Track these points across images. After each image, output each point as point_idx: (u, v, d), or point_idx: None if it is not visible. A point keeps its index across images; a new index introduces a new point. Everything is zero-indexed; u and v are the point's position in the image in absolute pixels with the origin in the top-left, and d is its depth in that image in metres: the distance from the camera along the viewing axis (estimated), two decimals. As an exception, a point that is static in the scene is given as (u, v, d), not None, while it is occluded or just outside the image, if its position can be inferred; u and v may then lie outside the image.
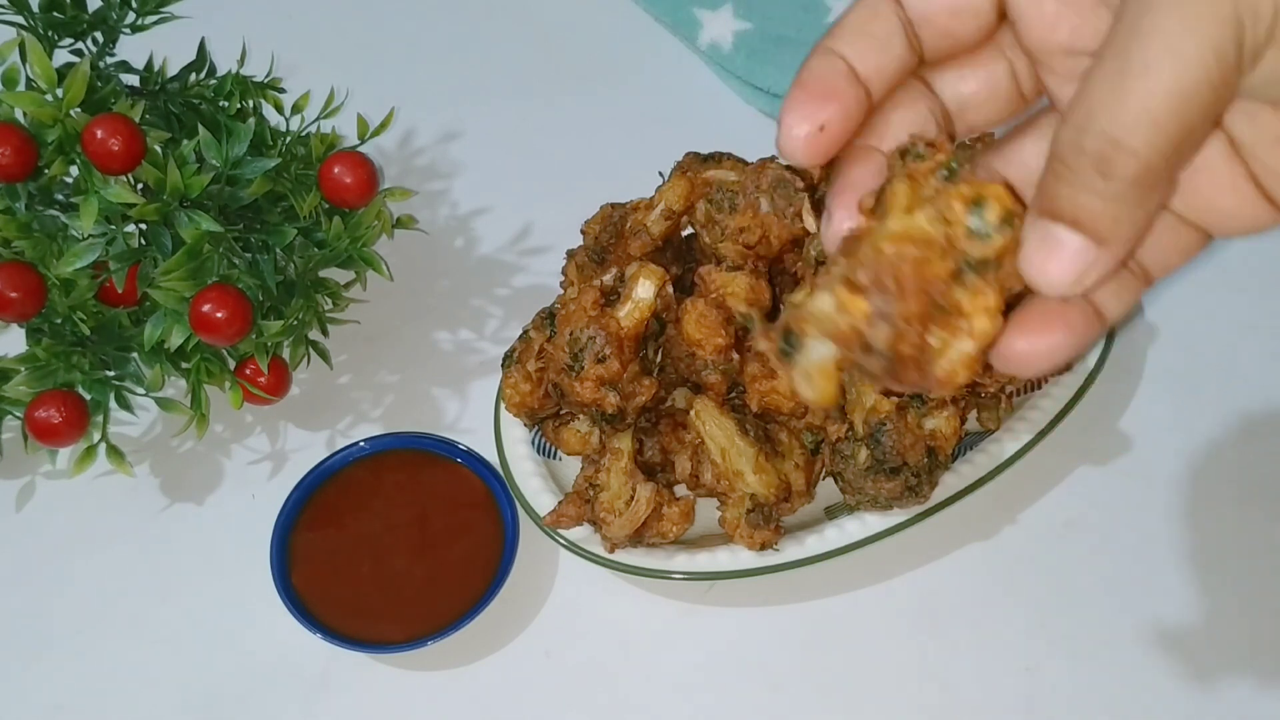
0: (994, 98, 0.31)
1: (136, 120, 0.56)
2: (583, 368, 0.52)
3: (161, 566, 0.62)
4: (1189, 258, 0.30)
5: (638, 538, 0.55)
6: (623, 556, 0.55)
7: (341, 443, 0.64)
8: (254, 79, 0.64)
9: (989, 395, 0.57)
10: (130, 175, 0.56)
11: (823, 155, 0.29)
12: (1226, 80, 0.24)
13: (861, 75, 0.29)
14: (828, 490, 0.56)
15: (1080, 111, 0.25)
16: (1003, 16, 0.29)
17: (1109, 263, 0.25)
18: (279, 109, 0.65)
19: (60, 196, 0.59)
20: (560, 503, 0.56)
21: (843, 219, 0.29)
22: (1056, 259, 0.25)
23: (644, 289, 0.53)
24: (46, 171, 0.56)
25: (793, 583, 0.57)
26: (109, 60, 0.63)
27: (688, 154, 0.59)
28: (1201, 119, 0.24)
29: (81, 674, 0.58)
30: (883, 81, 0.29)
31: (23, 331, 0.59)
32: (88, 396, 0.58)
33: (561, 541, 0.56)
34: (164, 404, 0.60)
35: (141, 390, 0.60)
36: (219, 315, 0.55)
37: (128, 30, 0.62)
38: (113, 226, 0.56)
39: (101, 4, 0.61)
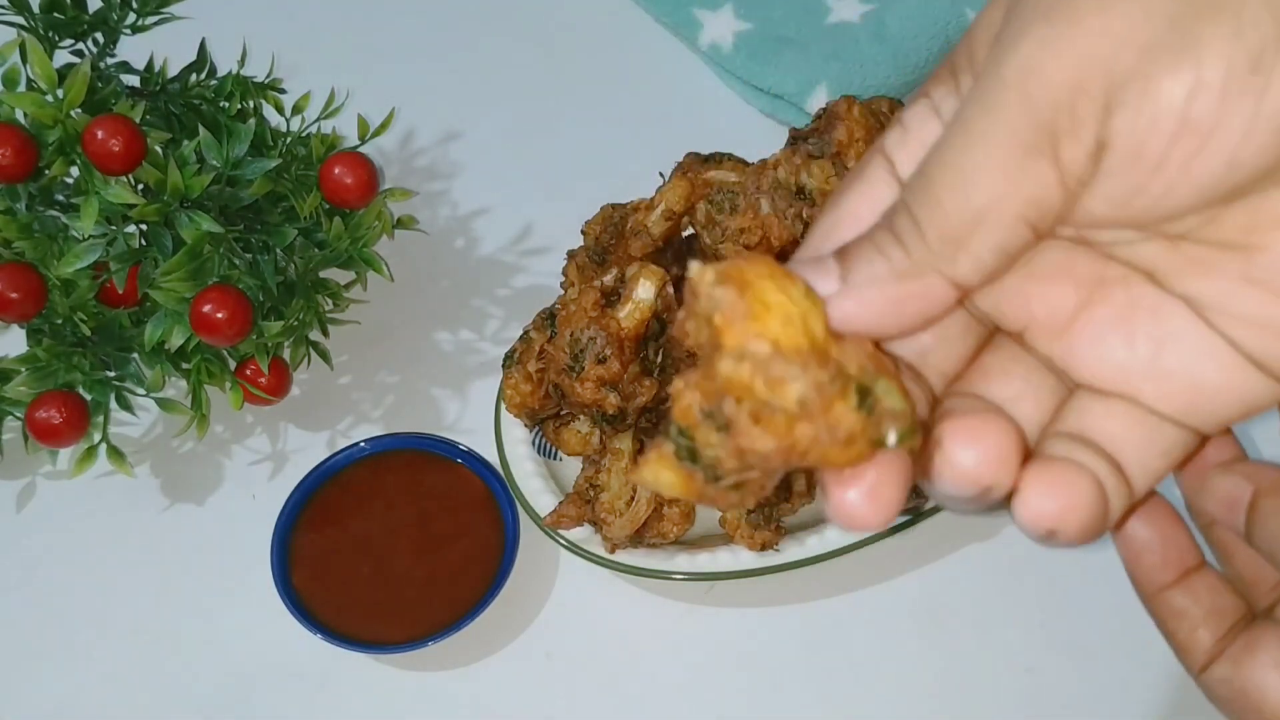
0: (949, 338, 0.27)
1: (137, 121, 0.56)
2: (583, 368, 0.52)
3: (162, 567, 0.62)
4: (1174, 464, 0.25)
5: (638, 538, 0.55)
6: (623, 557, 0.55)
7: (342, 443, 0.64)
8: (254, 79, 0.64)
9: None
10: (131, 176, 0.56)
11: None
12: (1044, 213, 0.22)
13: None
14: (828, 491, 0.56)
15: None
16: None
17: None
18: (279, 110, 0.65)
19: (60, 197, 0.59)
20: (561, 503, 0.56)
21: None
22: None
23: (644, 290, 0.53)
24: (47, 172, 0.56)
25: (793, 583, 0.57)
26: (109, 61, 0.63)
27: (688, 154, 0.59)
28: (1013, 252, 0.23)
29: (82, 674, 0.58)
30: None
31: (23, 332, 0.59)
32: (88, 397, 0.58)
33: (562, 542, 0.56)
34: (164, 404, 0.60)
35: (142, 391, 0.60)
36: (219, 316, 0.55)
37: (128, 31, 0.62)
38: (113, 227, 0.56)
39: (102, 4, 0.61)
